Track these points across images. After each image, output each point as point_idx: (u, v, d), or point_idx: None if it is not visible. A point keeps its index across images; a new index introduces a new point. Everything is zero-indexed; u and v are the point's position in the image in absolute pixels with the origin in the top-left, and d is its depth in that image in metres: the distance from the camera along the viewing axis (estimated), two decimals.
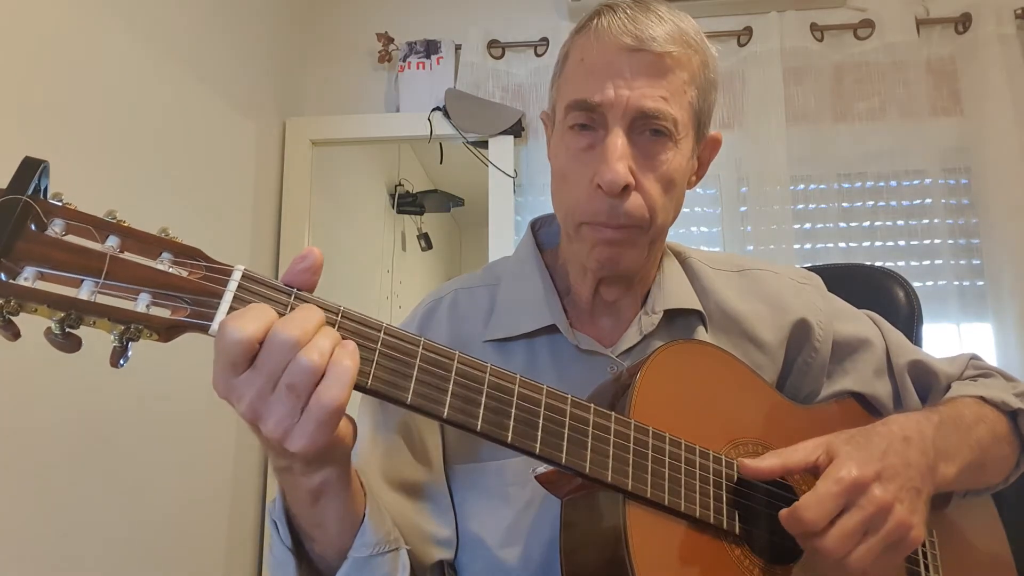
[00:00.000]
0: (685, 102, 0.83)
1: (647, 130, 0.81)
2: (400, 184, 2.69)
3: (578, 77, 0.84)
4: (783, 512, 0.73)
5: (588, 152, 0.83)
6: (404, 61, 2.50)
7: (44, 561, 1.34)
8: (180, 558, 1.74)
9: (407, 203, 2.70)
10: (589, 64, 0.83)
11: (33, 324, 0.53)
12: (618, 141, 0.80)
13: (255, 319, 0.56)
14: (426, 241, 2.77)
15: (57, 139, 1.41)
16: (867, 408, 0.99)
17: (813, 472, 0.77)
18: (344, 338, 0.60)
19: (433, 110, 2.39)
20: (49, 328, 0.51)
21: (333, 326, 0.61)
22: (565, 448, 0.69)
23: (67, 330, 0.51)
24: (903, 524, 0.74)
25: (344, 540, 0.72)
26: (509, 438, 0.67)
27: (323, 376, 0.57)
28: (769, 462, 0.78)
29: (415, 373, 0.64)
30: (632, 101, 0.80)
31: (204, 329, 0.56)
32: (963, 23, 2.30)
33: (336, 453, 0.66)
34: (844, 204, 2.31)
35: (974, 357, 1.05)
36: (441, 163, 2.57)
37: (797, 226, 2.29)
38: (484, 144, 2.38)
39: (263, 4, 2.28)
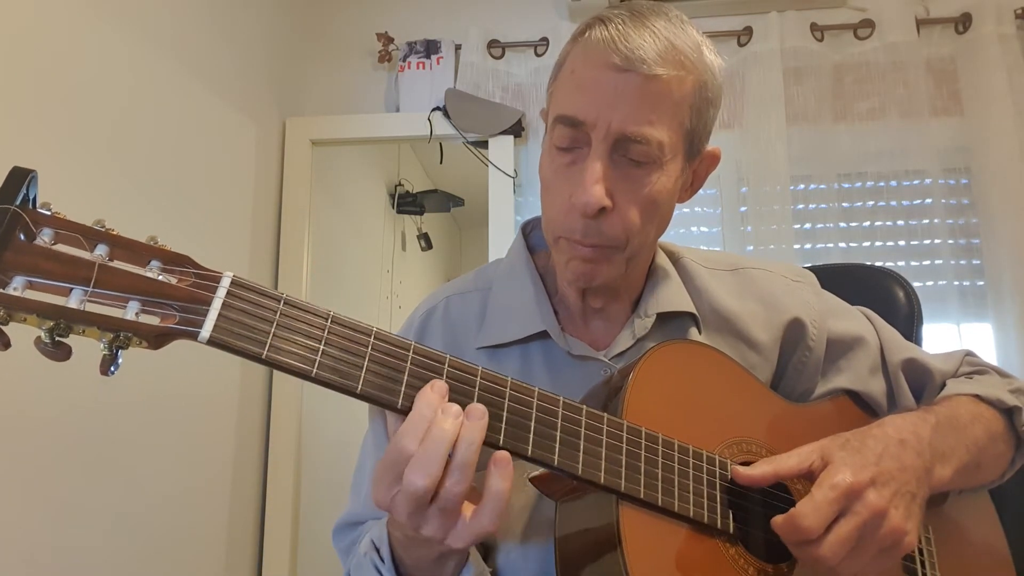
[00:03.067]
0: (675, 124, 0.81)
1: (629, 153, 0.80)
2: (400, 184, 2.69)
3: (567, 89, 0.83)
4: (778, 520, 0.73)
5: (570, 168, 0.82)
6: (404, 61, 2.50)
7: (44, 556, 1.35)
8: (180, 553, 1.75)
9: (407, 203, 2.70)
10: (578, 78, 0.82)
11: (25, 328, 0.53)
12: (597, 164, 0.79)
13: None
14: (426, 241, 2.77)
15: (58, 139, 1.41)
16: (861, 406, 0.99)
17: (808, 477, 0.77)
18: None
19: (433, 110, 2.39)
20: (39, 337, 0.52)
21: (322, 331, 0.61)
22: (557, 450, 0.69)
23: (57, 339, 0.51)
24: (897, 530, 0.74)
25: (455, 574, 0.78)
26: (501, 441, 0.67)
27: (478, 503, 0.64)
28: (761, 470, 0.77)
29: (405, 377, 0.64)
30: (615, 124, 0.78)
31: (193, 336, 0.56)
32: (963, 23, 2.30)
33: None
34: (844, 204, 2.31)
35: (969, 354, 1.05)
36: (441, 163, 2.57)
37: (797, 226, 2.29)
38: (484, 144, 2.38)
39: (263, 4, 2.28)
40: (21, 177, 0.50)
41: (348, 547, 0.94)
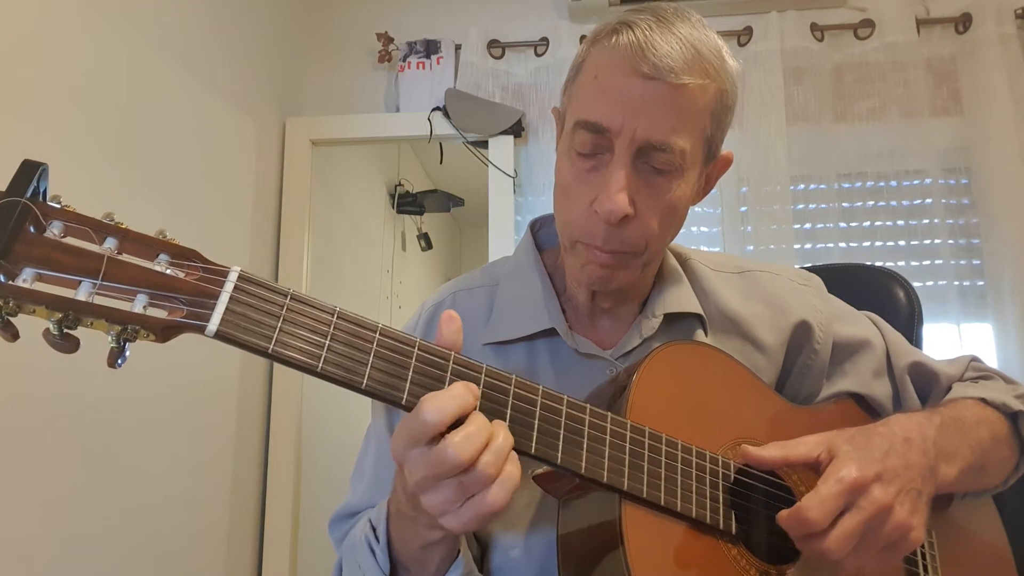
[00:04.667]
0: (696, 131, 0.81)
1: (652, 161, 0.80)
2: (400, 184, 2.69)
3: (590, 94, 0.82)
4: (783, 513, 0.73)
5: (591, 173, 0.82)
6: (404, 61, 2.50)
7: (44, 553, 1.34)
8: (180, 550, 1.75)
9: (407, 203, 2.70)
10: (601, 83, 0.81)
11: (32, 320, 0.53)
12: (621, 172, 0.79)
13: (453, 404, 0.62)
14: (426, 241, 2.77)
15: (59, 139, 1.41)
16: (866, 409, 0.99)
17: (813, 469, 0.78)
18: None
19: (433, 110, 2.39)
20: (47, 329, 0.52)
21: (328, 326, 0.62)
22: (561, 448, 0.69)
23: (65, 331, 0.52)
24: (903, 525, 0.74)
25: (441, 571, 0.78)
26: None
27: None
28: (771, 452, 0.78)
29: (410, 374, 0.64)
30: (640, 132, 0.78)
31: (200, 330, 0.56)
32: (963, 23, 2.30)
33: None
34: (844, 204, 2.31)
35: (974, 359, 1.05)
36: (441, 163, 2.57)
37: (797, 226, 2.29)
38: (484, 144, 2.38)
39: (263, 4, 2.28)
40: (32, 170, 0.50)
41: (343, 537, 0.94)
